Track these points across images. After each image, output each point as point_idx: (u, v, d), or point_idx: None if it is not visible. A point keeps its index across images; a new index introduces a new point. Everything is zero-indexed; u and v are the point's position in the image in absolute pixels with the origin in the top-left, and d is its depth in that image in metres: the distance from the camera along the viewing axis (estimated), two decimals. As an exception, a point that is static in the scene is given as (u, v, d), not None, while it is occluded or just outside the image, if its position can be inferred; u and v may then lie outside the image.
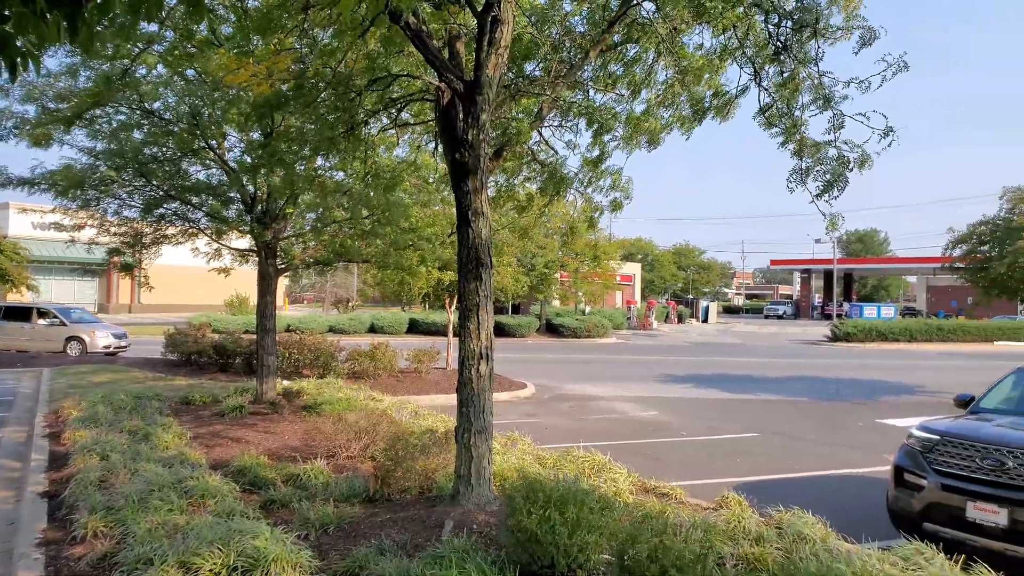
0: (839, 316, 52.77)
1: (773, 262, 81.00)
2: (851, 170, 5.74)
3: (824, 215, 5.56)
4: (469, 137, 5.59)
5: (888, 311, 55.79)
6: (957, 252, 19.80)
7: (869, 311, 54.16)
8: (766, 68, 5.69)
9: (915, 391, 19.22)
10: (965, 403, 7.96)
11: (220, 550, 4.64)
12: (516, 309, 45.65)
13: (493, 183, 8.13)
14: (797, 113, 5.66)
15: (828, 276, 66.42)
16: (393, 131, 8.55)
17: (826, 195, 5.80)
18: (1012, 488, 6.06)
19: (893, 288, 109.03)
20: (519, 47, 6.89)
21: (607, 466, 7.62)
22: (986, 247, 18.86)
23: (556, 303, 43.06)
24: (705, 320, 59.50)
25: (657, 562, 3.72)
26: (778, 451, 11.64)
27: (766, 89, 5.79)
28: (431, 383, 16.74)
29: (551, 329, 38.87)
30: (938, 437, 6.71)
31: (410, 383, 16.53)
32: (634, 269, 62.52)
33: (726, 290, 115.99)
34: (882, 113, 5.10)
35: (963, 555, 5.52)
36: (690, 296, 75.16)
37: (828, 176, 5.48)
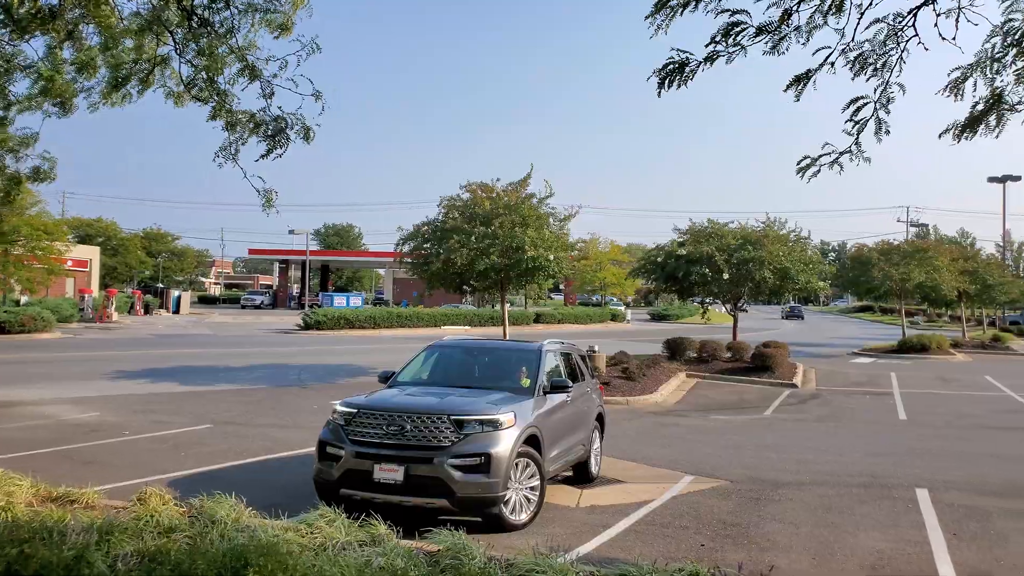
0: (312, 306, 55.92)
1: (252, 251, 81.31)
2: (293, 137, 6.06)
3: (259, 191, 5.80)
4: None
5: (356, 300, 61.45)
6: (407, 248, 22.60)
7: (339, 300, 58.86)
8: (188, 41, 5.63)
9: (369, 372, 21.51)
10: (387, 378, 9.22)
11: None
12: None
13: None
14: (226, 87, 5.75)
15: (305, 267, 69.71)
16: None
17: (271, 156, 5.99)
18: (408, 448, 7.27)
19: (367, 279, 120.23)
20: None
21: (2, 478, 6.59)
22: (428, 245, 21.97)
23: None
24: (177, 311, 56.48)
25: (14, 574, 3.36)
26: (230, 440, 11.74)
27: (190, 62, 5.74)
28: None
29: (-32, 323, 31.88)
30: (356, 410, 7.64)
31: None
32: (91, 253, 55.61)
33: (204, 279, 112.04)
34: (309, 79, 5.59)
35: (366, 512, 6.39)
36: (161, 285, 70.38)
37: (266, 145, 5.70)
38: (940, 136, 6.30)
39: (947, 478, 10.04)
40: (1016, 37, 5.29)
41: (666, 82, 5.49)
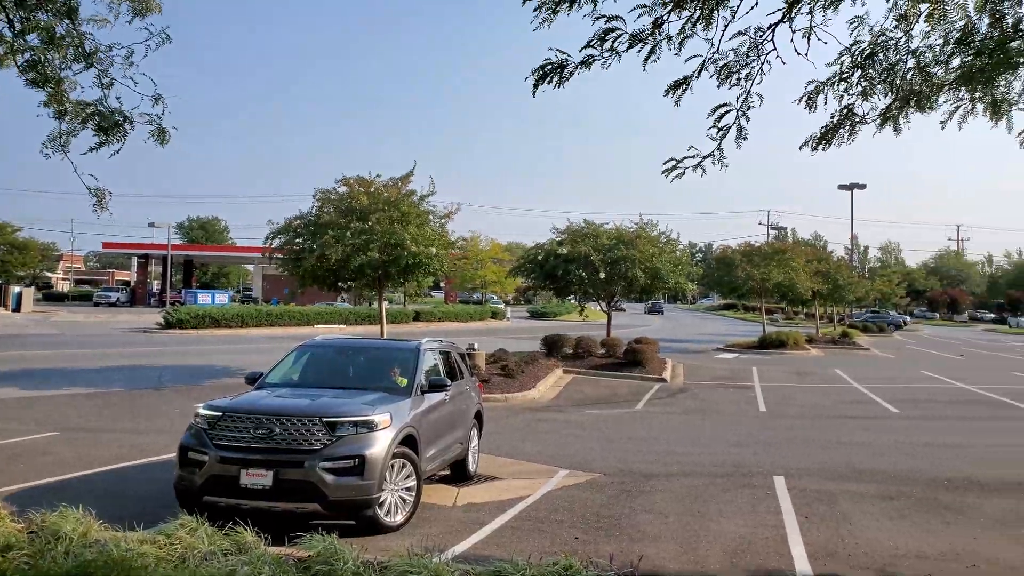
0: (174, 303, 52.96)
1: (106, 245, 75.82)
2: (148, 137, 5.68)
3: (89, 189, 5.39)
4: None
5: (222, 298, 58.64)
6: (277, 243, 21.77)
7: (204, 298, 55.96)
8: (23, 15, 5.13)
9: (236, 373, 20.63)
10: (254, 379, 8.87)
11: None
12: None
13: None
14: (66, 73, 5.31)
15: (166, 262, 65.80)
16: None
17: (103, 149, 5.60)
18: (278, 451, 7.03)
19: (234, 276, 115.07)
20: None
21: None
22: (301, 240, 21.27)
23: None
24: (17, 309, 51.94)
25: None
26: (80, 447, 10.93)
27: (21, 36, 5.22)
28: None
29: None
30: (221, 413, 7.30)
31: None
32: (-87, 244, 50.21)
33: (50, 274, 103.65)
34: (152, 79, 5.24)
35: (232, 520, 6.13)
36: (-2, 280, 64.37)
37: (98, 137, 5.30)
38: (800, 148, 6.80)
39: (800, 465, 10.81)
40: (861, 59, 5.77)
41: (543, 81, 5.60)
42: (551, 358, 23.89)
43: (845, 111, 6.58)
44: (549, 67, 5.59)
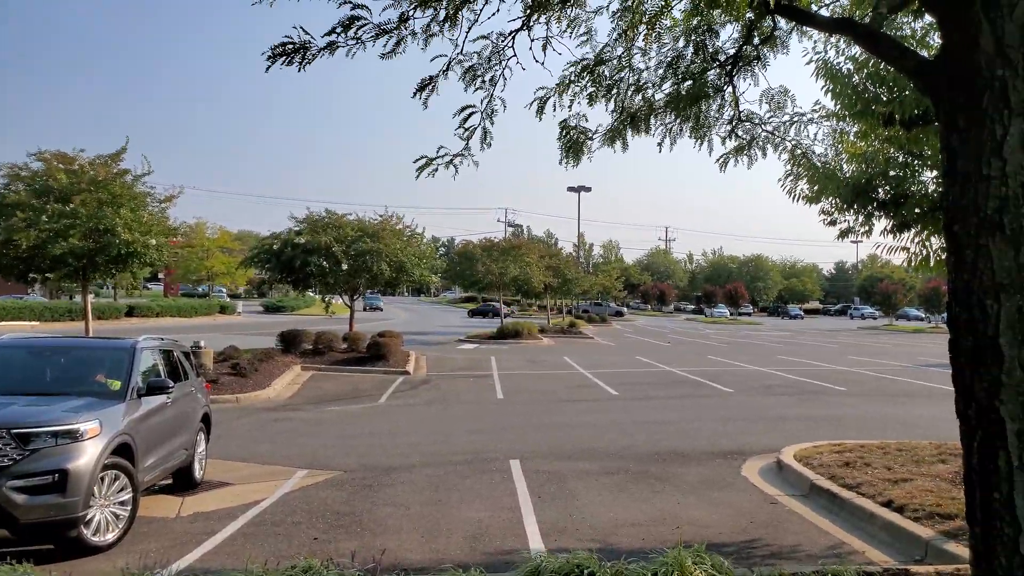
0: None
1: None
2: None
3: None
4: None
5: None
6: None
7: None
8: None
9: None
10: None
11: None
12: None
13: None
14: None
15: None
16: None
17: None
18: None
19: None
20: None
21: None
22: (-18, 222, 18.28)
23: None
24: None
25: None
26: None
27: None
28: None
29: None
30: None
31: None
32: None
33: None
34: None
35: None
36: None
37: None
38: (560, 162, 7.34)
39: (534, 448, 11.59)
40: (589, 66, 6.32)
41: (279, 59, 5.38)
42: (288, 354, 23.06)
43: (576, 128, 7.19)
44: (289, 47, 5.39)
